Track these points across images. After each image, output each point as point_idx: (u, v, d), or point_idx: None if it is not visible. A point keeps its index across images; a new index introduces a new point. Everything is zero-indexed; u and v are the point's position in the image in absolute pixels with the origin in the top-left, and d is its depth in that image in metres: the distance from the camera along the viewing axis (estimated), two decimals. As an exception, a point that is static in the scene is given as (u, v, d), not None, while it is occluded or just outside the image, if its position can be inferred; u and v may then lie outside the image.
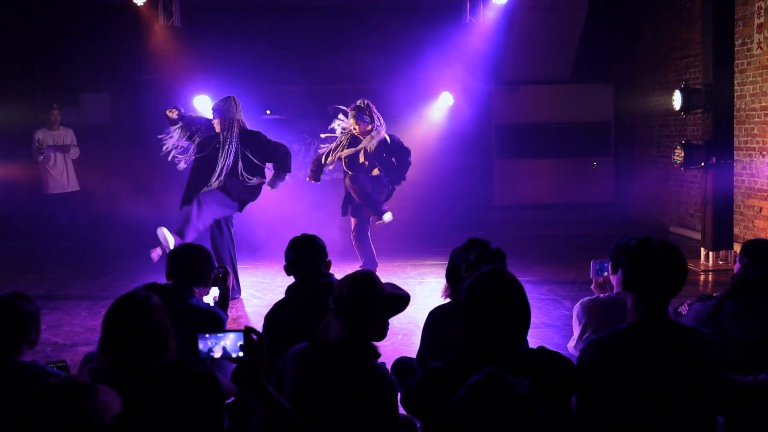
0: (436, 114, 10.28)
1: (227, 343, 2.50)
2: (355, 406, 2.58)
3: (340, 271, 7.06)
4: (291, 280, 3.86)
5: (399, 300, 2.88)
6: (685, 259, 2.60)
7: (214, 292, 4.03)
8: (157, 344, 2.67)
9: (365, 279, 2.78)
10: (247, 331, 2.41)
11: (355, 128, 7.41)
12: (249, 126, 6.96)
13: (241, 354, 2.44)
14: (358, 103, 7.43)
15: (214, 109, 6.76)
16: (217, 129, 6.71)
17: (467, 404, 1.97)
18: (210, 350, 2.50)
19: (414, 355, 3.84)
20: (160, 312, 2.75)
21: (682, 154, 7.94)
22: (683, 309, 3.81)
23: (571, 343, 3.78)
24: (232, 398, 3.20)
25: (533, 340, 4.20)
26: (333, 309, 2.73)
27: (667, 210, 10.87)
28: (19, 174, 10.54)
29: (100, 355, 2.77)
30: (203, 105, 9.94)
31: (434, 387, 2.52)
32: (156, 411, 1.89)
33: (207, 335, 2.51)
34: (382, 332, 2.78)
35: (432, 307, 3.68)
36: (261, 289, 7.34)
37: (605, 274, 3.86)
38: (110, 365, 2.68)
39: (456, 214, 10.31)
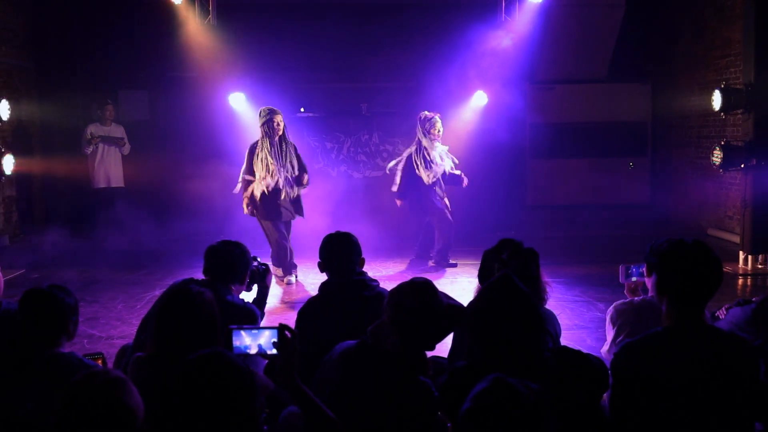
0: (470, 113, 10.24)
1: (262, 340, 2.51)
2: (396, 416, 2.57)
3: (371, 268, 7.08)
4: (324, 276, 3.88)
5: (455, 313, 2.84)
6: (720, 260, 2.55)
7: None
8: (207, 338, 2.71)
9: (427, 290, 2.70)
10: (282, 328, 2.42)
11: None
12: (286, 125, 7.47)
13: (275, 351, 2.46)
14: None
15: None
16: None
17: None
18: (246, 346, 2.52)
19: (446, 355, 3.83)
20: (213, 307, 2.80)
21: (722, 156, 7.80)
22: (721, 313, 3.75)
23: (605, 347, 3.74)
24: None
25: (567, 342, 4.16)
26: (390, 318, 2.66)
27: (704, 212, 10.69)
28: (60, 168, 10.75)
29: (146, 344, 2.81)
30: (238, 103, 10.05)
31: (459, 387, 2.53)
32: (193, 401, 1.92)
33: (243, 332, 2.53)
34: (434, 344, 2.76)
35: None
36: (294, 286, 7.38)
37: (634, 279, 3.82)
38: (156, 355, 2.72)
39: (489, 213, 10.27)
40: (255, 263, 4.02)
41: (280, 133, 7.35)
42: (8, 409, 2.73)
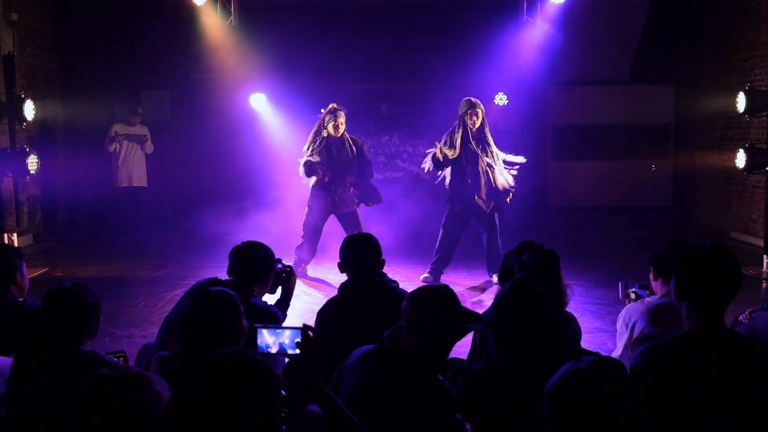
0: (491, 114, 10.20)
1: (284, 340, 2.52)
2: (415, 415, 2.57)
3: (390, 270, 7.07)
4: (344, 277, 3.88)
5: (472, 319, 2.87)
6: (739, 263, 2.51)
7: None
8: (231, 338, 2.73)
9: (446, 292, 2.76)
10: (305, 329, 2.42)
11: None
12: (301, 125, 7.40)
13: (297, 351, 2.46)
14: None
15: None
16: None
17: (564, 393, 1.94)
18: (268, 345, 2.53)
19: (465, 356, 3.82)
20: (238, 308, 2.82)
21: (746, 158, 7.71)
22: (744, 317, 3.70)
23: (617, 353, 3.71)
24: (283, 393, 3.23)
25: (587, 346, 4.13)
26: (410, 318, 2.68)
27: (728, 215, 10.57)
28: (84, 168, 10.87)
29: (170, 343, 2.83)
30: (259, 103, 10.10)
31: (476, 389, 2.56)
32: (215, 399, 1.93)
33: (266, 331, 2.54)
34: (452, 345, 2.78)
35: (483, 310, 3.65)
36: (313, 286, 7.40)
37: (633, 296, 3.86)
38: (181, 354, 2.74)
39: (509, 215, 10.19)
40: (279, 265, 4.02)
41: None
42: (31, 406, 2.77)
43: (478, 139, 7.33)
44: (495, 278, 6.82)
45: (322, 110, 10.87)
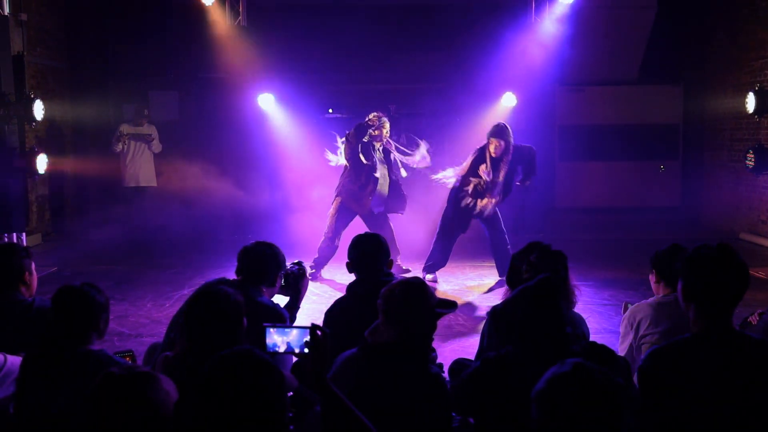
0: (498, 114, 10.19)
1: (292, 339, 2.52)
2: (408, 407, 2.59)
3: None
4: (352, 277, 3.88)
5: (447, 303, 2.90)
6: (746, 264, 2.49)
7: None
8: (233, 339, 2.73)
9: (414, 283, 2.85)
10: (313, 328, 2.42)
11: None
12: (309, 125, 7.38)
13: (305, 350, 2.46)
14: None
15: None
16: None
17: (549, 397, 1.92)
18: (275, 345, 2.53)
19: (473, 357, 3.82)
20: (240, 309, 2.83)
21: (755, 159, 7.68)
22: (753, 319, 3.69)
23: (622, 354, 3.70)
24: (291, 392, 3.23)
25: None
26: (383, 312, 2.76)
27: (737, 216, 10.53)
28: (92, 168, 10.90)
29: (175, 343, 2.83)
30: (268, 103, 10.11)
31: (488, 376, 2.59)
32: (222, 398, 1.93)
33: (273, 329, 2.55)
34: (428, 339, 2.82)
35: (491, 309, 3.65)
36: (321, 286, 7.40)
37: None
38: (184, 354, 2.75)
39: (517, 215, 10.20)
40: (289, 265, 4.01)
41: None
42: (40, 405, 2.78)
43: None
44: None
45: (330, 110, 10.89)
